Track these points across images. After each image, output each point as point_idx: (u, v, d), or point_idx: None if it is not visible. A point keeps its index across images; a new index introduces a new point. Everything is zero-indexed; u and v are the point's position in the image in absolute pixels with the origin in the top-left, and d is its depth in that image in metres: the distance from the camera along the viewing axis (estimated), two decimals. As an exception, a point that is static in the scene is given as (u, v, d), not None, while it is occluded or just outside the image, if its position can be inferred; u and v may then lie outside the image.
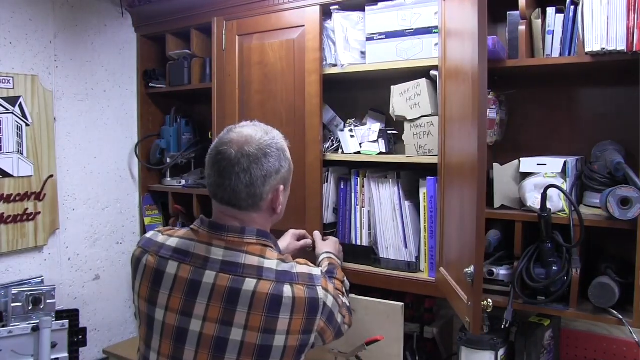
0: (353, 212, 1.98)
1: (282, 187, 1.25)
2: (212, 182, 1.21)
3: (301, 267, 1.23)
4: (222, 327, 1.16)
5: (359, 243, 1.97)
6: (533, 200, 1.55)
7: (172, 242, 1.25)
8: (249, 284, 1.16)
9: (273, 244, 1.27)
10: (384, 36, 1.84)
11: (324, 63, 1.98)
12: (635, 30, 1.37)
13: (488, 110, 1.62)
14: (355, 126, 2.00)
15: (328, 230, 2.02)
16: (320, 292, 1.21)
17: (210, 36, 2.24)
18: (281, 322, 1.15)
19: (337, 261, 1.63)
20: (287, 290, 1.16)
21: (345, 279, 1.55)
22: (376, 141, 1.91)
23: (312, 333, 1.20)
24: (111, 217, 2.59)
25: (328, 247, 1.72)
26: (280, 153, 1.23)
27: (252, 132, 1.23)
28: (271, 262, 1.20)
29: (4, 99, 2.16)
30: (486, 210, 1.39)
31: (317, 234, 1.81)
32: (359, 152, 1.94)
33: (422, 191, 1.80)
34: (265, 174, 1.20)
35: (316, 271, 1.25)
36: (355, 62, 1.92)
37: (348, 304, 1.41)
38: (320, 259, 1.64)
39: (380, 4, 1.86)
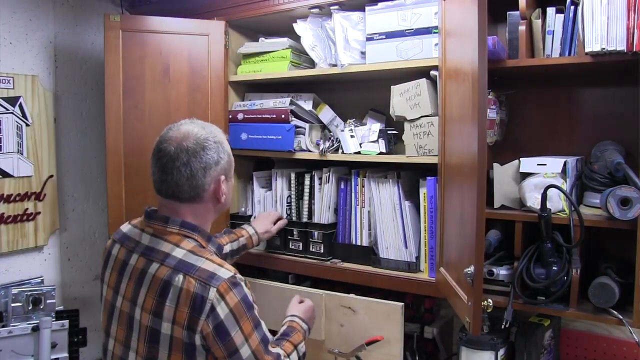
0: (353, 212, 1.98)
1: (223, 177, 1.32)
2: (157, 178, 1.30)
3: (209, 264, 1.22)
4: (131, 306, 1.25)
5: (359, 243, 1.97)
6: (533, 200, 1.55)
7: (125, 228, 1.40)
8: (153, 267, 1.24)
9: (201, 238, 1.30)
10: (384, 36, 1.84)
11: (324, 62, 1.99)
12: (635, 30, 1.37)
13: (488, 110, 1.62)
14: (355, 126, 2.00)
15: (328, 230, 2.02)
16: (213, 293, 1.17)
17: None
18: (167, 309, 1.19)
19: (300, 326, 1.55)
20: (178, 279, 1.19)
21: (301, 346, 1.47)
22: (376, 141, 1.91)
23: (196, 334, 1.17)
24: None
25: (298, 310, 1.63)
26: (218, 146, 1.31)
27: (189, 128, 1.31)
28: (180, 252, 1.24)
29: (4, 99, 2.16)
30: (486, 210, 1.39)
31: (295, 297, 1.72)
32: (359, 152, 1.94)
33: (422, 191, 1.80)
34: (205, 165, 1.28)
35: (224, 273, 1.21)
36: (355, 62, 1.92)
37: None
38: (284, 320, 1.58)
39: (380, 4, 1.85)
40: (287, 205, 2.14)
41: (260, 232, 1.93)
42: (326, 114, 2.13)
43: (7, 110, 2.17)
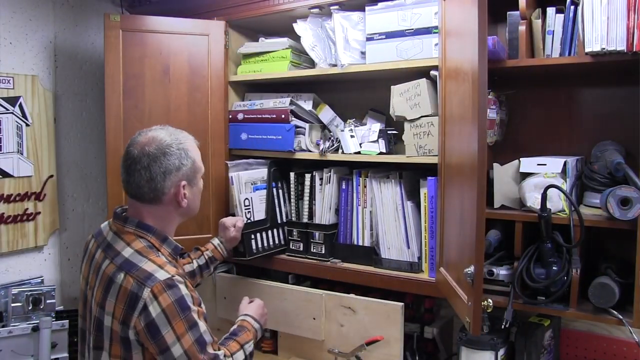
0: (354, 212, 1.98)
1: (184, 182, 1.40)
2: (123, 178, 1.40)
3: (149, 265, 1.29)
4: (91, 297, 1.37)
5: (360, 243, 1.97)
6: (533, 200, 1.55)
7: (103, 225, 1.48)
8: (105, 263, 1.34)
9: (155, 239, 1.38)
10: (384, 36, 1.84)
11: (324, 62, 1.99)
12: (635, 30, 1.37)
13: (488, 110, 1.62)
14: (355, 126, 2.00)
15: (329, 231, 2.02)
16: (146, 293, 1.24)
17: (210, 36, 2.24)
18: (109, 303, 1.28)
19: (251, 325, 1.60)
20: (119, 277, 1.28)
21: (249, 345, 1.49)
22: (376, 141, 1.91)
23: (130, 329, 1.24)
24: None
25: (250, 309, 1.67)
26: (181, 152, 1.39)
27: (156, 134, 1.39)
28: (128, 251, 1.33)
29: (4, 99, 2.16)
30: (486, 210, 1.39)
31: (245, 298, 1.76)
32: (359, 152, 1.94)
33: (423, 191, 1.80)
34: (164, 170, 1.36)
35: (161, 275, 1.26)
36: (355, 62, 1.92)
37: None
38: (237, 320, 1.63)
39: (380, 4, 1.85)
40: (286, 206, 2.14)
41: (226, 240, 1.92)
42: (326, 114, 2.13)
43: (7, 110, 2.17)
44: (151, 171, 1.34)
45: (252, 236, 2.03)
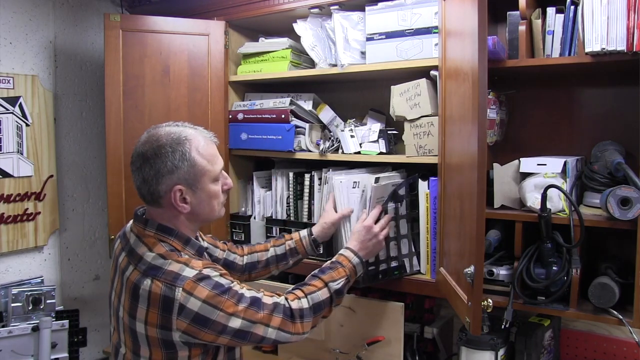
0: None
1: (180, 186, 1.27)
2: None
3: (174, 266, 1.23)
4: (117, 302, 1.31)
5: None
6: (533, 200, 1.55)
7: (128, 224, 1.41)
8: (129, 270, 1.27)
9: (177, 241, 1.30)
10: (383, 36, 1.84)
11: (324, 62, 1.99)
12: (635, 30, 1.37)
13: (488, 110, 1.62)
14: (355, 126, 2.00)
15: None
16: (179, 294, 1.19)
17: (210, 36, 2.24)
18: (140, 311, 1.22)
19: (348, 260, 1.52)
20: (146, 283, 1.22)
21: (335, 283, 1.44)
22: (376, 141, 1.91)
23: (172, 331, 1.20)
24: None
25: (351, 240, 1.60)
26: (176, 154, 1.25)
27: (157, 132, 1.30)
28: (150, 255, 1.26)
29: (4, 99, 2.16)
30: (486, 210, 1.39)
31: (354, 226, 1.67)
32: (359, 152, 1.94)
33: (425, 192, 1.80)
34: (156, 173, 1.25)
35: (188, 272, 1.21)
36: (355, 62, 1.92)
37: (295, 307, 1.34)
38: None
39: (380, 4, 1.85)
40: (286, 206, 2.14)
41: (317, 232, 1.73)
42: (326, 114, 2.13)
43: (7, 110, 2.18)
44: (143, 173, 1.26)
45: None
